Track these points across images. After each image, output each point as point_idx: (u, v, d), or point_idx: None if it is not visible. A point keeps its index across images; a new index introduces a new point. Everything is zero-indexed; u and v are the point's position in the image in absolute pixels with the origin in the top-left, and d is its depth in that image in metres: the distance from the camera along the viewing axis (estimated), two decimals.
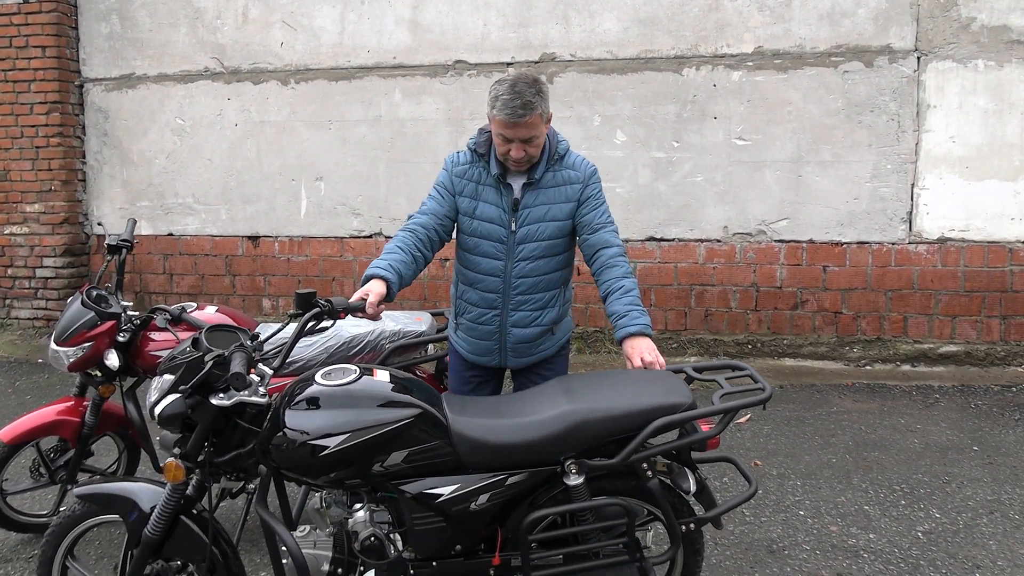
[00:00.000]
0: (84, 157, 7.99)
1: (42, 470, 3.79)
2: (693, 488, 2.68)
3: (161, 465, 3.26)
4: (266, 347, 2.80)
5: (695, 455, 2.77)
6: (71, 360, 3.48)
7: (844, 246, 6.65)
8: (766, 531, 3.83)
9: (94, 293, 3.57)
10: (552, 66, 6.95)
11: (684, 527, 2.67)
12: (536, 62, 6.97)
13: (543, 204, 3.08)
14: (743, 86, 6.68)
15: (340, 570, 2.60)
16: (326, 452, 2.41)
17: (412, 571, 2.60)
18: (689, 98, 6.77)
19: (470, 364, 3.26)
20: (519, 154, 2.97)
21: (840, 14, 6.50)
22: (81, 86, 7.92)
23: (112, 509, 2.69)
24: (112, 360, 3.47)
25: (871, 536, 3.76)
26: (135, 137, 7.84)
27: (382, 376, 2.61)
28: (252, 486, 3.07)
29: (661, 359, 2.81)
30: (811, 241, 6.70)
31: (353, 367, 2.64)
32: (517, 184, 3.08)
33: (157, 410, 2.46)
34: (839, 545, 3.68)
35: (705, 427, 2.67)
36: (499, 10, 7.01)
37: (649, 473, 2.60)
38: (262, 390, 2.50)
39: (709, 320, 6.92)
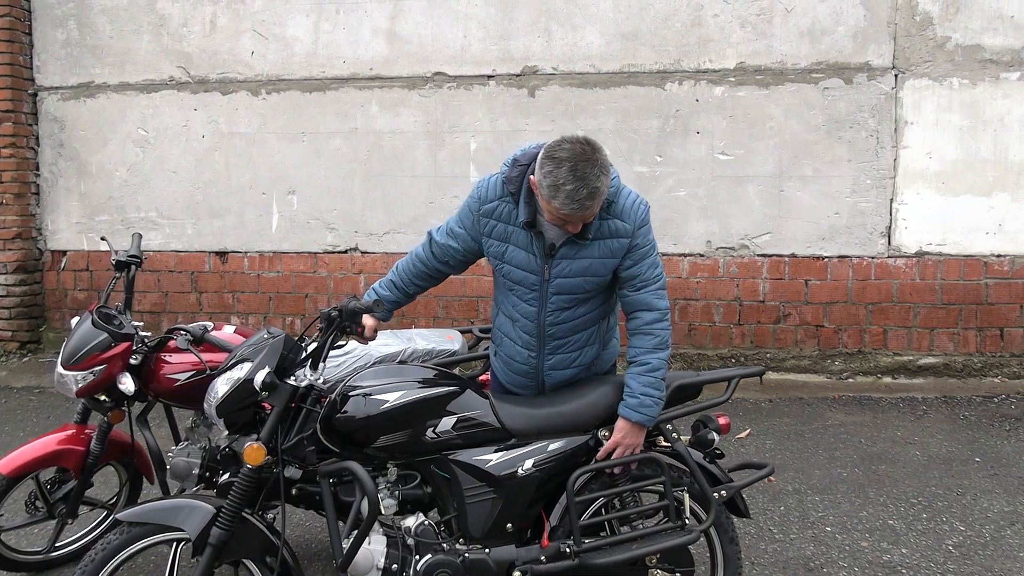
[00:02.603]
0: (38, 169, 7.60)
1: (39, 503, 3.52)
2: (717, 439, 2.91)
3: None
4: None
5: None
6: (80, 385, 3.22)
7: (825, 260, 6.72)
8: (799, 549, 3.78)
9: (103, 312, 3.33)
10: (534, 79, 6.88)
11: (716, 495, 2.84)
12: (518, 75, 6.89)
13: (585, 259, 2.77)
14: (725, 101, 6.71)
15: (395, 566, 2.70)
16: (385, 407, 2.65)
17: (467, 556, 2.71)
18: (672, 113, 6.77)
19: (509, 391, 3.13)
20: (576, 229, 2.69)
21: (820, 32, 6.59)
22: (35, 95, 7.54)
23: (170, 524, 2.56)
24: (127, 384, 3.22)
25: (903, 551, 3.74)
26: (94, 148, 7.48)
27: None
28: (272, 515, 3.01)
29: (634, 454, 2.81)
30: (793, 255, 6.75)
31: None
32: (554, 233, 2.76)
33: (258, 378, 2.58)
34: (875, 561, 3.65)
35: (721, 419, 2.94)
36: (480, 22, 6.91)
37: (675, 435, 2.85)
38: (324, 378, 2.69)
39: (692, 334, 6.91)
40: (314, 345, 2.71)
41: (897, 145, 6.58)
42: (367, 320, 2.97)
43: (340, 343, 2.84)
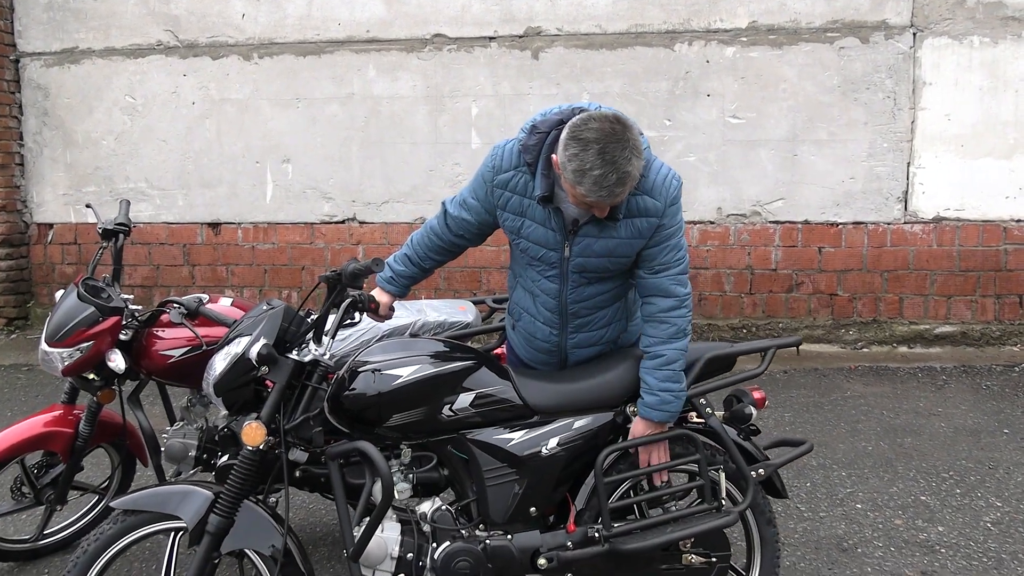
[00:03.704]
0: (22, 139, 7.32)
1: (25, 489, 3.30)
2: (755, 413, 2.69)
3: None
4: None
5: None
6: (67, 363, 2.99)
7: (840, 227, 6.50)
8: (830, 527, 3.60)
9: (90, 285, 3.10)
10: (537, 40, 6.61)
11: (753, 473, 2.64)
12: (520, 36, 6.62)
13: (610, 239, 2.50)
14: (737, 62, 6.45)
15: (410, 555, 2.50)
16: (397, 383, 2.43)
17: (488, 543, 2.52)
18: (681, 75, 6.51)
19: (527, 365, 2.91)
20: (604, 214, 2.41)
21: None
22: (17, 61, 7.23)
23: (166, 511, 2.36)
24: (117, 362, 3.00)
25: (940, 529, 3.56)
26: (79, 117, 7.20)
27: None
28: (273, 499, 2.81)
29: (664, 457, 2.61)
30: (807, 222, 6.53)
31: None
32: (576, 209, 2.48)
33: (253, 350, 2.40)
34: (911, 540, 3.47)
35: (756, 393, 2.72)
36: None
37: (709, 410, 2.64)
38: (329, 354, 2.46)
39: (703, 304, 6.70)
40: (318, 316, 2.50)
41: (915, 107, 6.34)
42: (381, 297, 2.80)
43: (353, 320, 2.62)
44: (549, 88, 6.61)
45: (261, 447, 2.38)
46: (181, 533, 2.41)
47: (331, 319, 2.49)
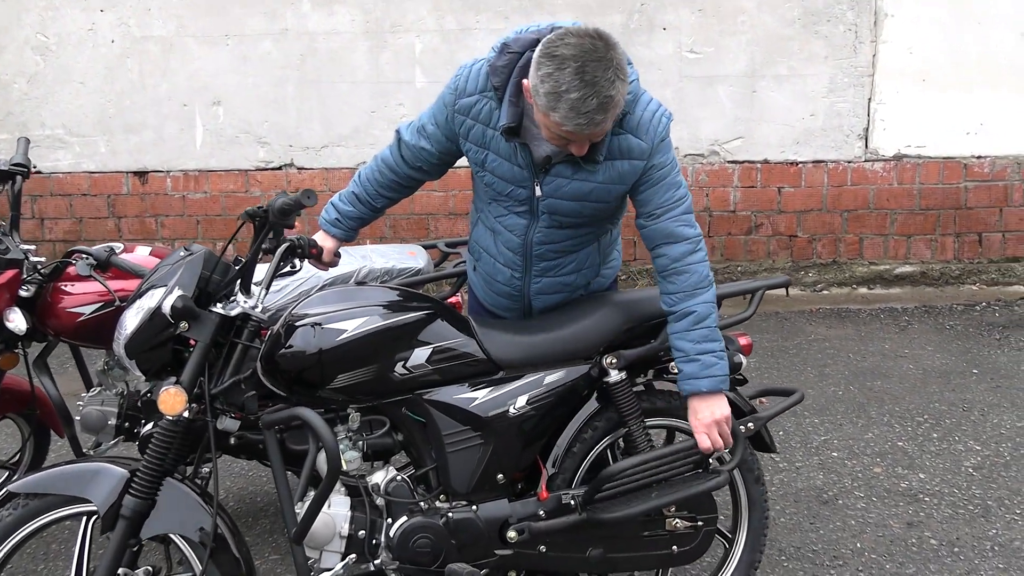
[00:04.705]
0: None
1: None
2: (744, 362, 2.45)
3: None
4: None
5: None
6: None
7: (800, 166, 6.30)
8: (808, 479, 3.43)
9: None
10: None
11: (742, 428, 2.37)
12: None
13: (586, 182, 2.20)
14: None
15: (362, 532, 2.23)
16: (343, 338, 2.14)
17: (450, 516, 2.24)
18: (636, 7, 6.18)
19: (491, 312, 2.62)
20: (582, 151, 2.10)
21: None
22: None
23: (74, 493, 2.05)
24: (17, 322, 2.62)
25: (921, 476, 3.41)
26: None
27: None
28: (206, 470, 2.52)
29: (727, 435, 2.23)
30: (766, 161, 6.31)
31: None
32: (549, 145, 2.16)
33: (167, 304, 2.08)
34: (892, 489, 3.32)
35: (742, 339, 2.51)
36: None
37: None
38: (261, 306, 2.15)
39: None
40: (245, 261, 2.16)
41: (876, 40, 6.12)
42: (325, 241, 2.46)
43: (293, 267, 2.30)
44: (497, 22, 6.22)
45: (184, 416, 2.06)
46: (95, 517, 2.09)
47: (265, 267, 2.17)
